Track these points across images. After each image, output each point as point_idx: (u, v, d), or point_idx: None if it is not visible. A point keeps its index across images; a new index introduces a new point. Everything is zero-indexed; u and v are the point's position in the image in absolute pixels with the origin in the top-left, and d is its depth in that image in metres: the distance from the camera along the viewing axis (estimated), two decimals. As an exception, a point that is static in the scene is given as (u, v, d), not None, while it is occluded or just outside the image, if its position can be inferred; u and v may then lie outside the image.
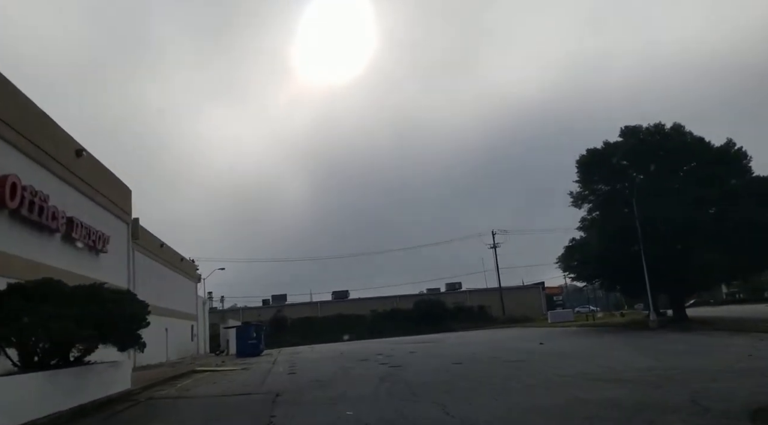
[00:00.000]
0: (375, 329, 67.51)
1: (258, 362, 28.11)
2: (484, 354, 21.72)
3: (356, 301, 78.83)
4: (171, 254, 39.92)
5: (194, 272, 49.58)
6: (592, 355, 18.32)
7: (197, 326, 47.87)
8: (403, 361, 20.57)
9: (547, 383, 11.55)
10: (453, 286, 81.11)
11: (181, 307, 42.21)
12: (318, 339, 65.18)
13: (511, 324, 65.19)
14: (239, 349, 36.53)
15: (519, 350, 23.30)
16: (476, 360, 19.24)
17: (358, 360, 23.24)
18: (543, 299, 79.63)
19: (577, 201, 41.95)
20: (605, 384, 11.05)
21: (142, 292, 31.77)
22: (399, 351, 29.08)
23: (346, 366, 19.61)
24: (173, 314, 38.84)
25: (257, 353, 36.24)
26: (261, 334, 37.51)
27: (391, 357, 23.60)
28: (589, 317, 59.30)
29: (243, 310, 77.40)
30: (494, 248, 73.45)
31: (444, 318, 68.17)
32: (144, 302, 13.96)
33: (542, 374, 13.44)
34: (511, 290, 77.53)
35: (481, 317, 70.48)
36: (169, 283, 38.66)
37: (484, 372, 14.78)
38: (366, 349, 34.59)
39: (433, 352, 25.88)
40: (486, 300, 74.63)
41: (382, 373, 15.88)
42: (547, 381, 11.76)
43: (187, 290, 45.70)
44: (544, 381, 11.78)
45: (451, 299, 74.71)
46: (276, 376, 17.80)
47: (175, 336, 39.11)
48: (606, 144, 40.04)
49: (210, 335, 54.00)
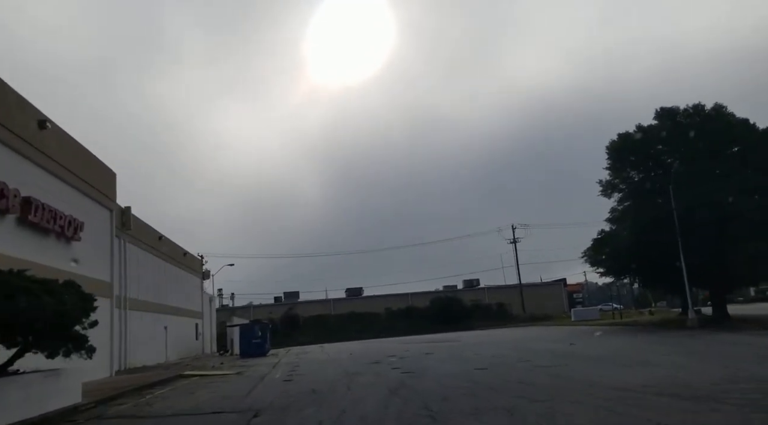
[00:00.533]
0: (389, 327, 64.89)
1: (259, 364, 25.59)
2: (510, 357, 18.94)
3: (370, 298, 76.22)
4: (172, 248, 37.57)
5: (200, 268, 47.27)
6: (643, 361, 15.45)
7: (202, 324, 45.56)
8: (418, 365, 17.87)
9: (609, 400, 8.77)
10: (470, 283, 78.10)
11: (183, 304, 39.88)
12: (331, 337, 62.78)
13: (531, 323, 62.14)
14: (243, 349, 34.07)
15: (549, 352, 20.47)
16: (503, 364, 16.48)
17: (368, 363, 20.60)
18: (565, 296, 76.34)
19: (606, 190, 38.88)
20: (689, 403, 8.26)
21: (134, 287, 29.50)
22: (414, 352, 26.40)
23: (352, 372, 16.95)
24: (174, 311, 36.49)
25: (262, 353, 33.76)
26: (267, 333, 35.02)
27: (404, 360, 20.93)
28: (616, 315, 56.08)
29: (254, 308, 75.17)
30: (514, 242, 70.37)
31: (461, 316, 65.28)
32: (90, 295, 11.29)
33: (593, 386, 10.65)
34: (531, 287, 74.38)
35: (500, 316, 67.47)
36: (169, 278, 36.31)
37: (515, 381, 12.04)
38: (378, 349, 31.96)
39: (451, 354, 23.15)
40: (505, 298, 71.56)
41: (393, 382, 13.20)
42: (607, 398, 8.98)
43: (191, 287, 43.38)
44: (603, 398, 8.99)
45: (468, 297, 71.76)
46: (268, 384, 15.20)
47: (177, 335, 36.78)
48: (639, 128, 36.89)
49: (218, 334, 51.74)
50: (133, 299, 28.17)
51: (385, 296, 75.16)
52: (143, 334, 29.42)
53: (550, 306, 71.34)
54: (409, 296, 74.81)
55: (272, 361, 27.17)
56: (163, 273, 34.80)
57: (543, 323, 60.89)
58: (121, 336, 26.10)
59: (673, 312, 53.76)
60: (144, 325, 29.70)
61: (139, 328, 28.62)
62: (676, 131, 35.50)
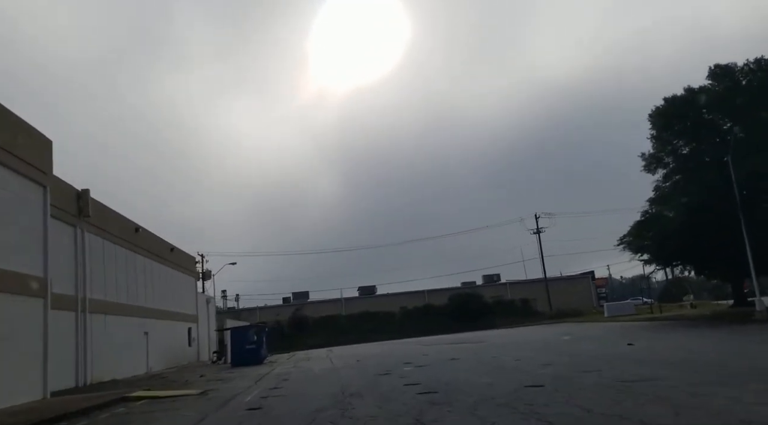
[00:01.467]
0: (405, 327, 60.23)
1: (244, 376, 20.95)
2: (565, 366, 14.09)
3: (384, 297, 71.55)
4: (155, 243, 33.09)
5: (193, 266, 42.81)
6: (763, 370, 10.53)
7: (197, 328, 41.05)
8: (441, 379, 13.08)
9: None
10: (491, 278, 73.04)
11: (172, 306, 35.39)
12: (342, 339, 58.27)
13: (560, 319, 56.97)
14: (234, 356, 29.49)
15: (612, 357, 15.58)
16: (563, 377, 11.62)
17: (376, 375, 15.87)
18: (593, 290, 71.02)
19: (650, 165, 33.76)
20: None
21: (99, 286, 24.98)
22: (434, 356, 21.62)
23: (351, 391, 12.21)
24: (158, 314, 31.99)
25: (257, 361, 29.15)
26: (263, 337, 30.36)
27: (423, 370, 16.17)
28: (652, 309, 50.76)
29: (260, 310, 70.76)
30: (538, 233, 65.12)
31: (482, 314, 60.38)
32: None
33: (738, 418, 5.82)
34: (556, 281, 69.14)
35: (525, 312, 62.46)
36: (152, 277, 31.83)
37: (614, 415, 7.20)
38: (392, 354, 27.21)
39: (482, 359, 18.31)
40: (529, 293, 66.45)
41: (407, 416, 8.41)
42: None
43: (182, 287, 38.90)
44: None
45: (489, 293, 66.78)
46: (225, 415, 10.51)
47: (163, 342, 32.27)
48: (688, 90, 31.71)
49: (218, 339, 47.28)
50: (98, 301, 23.65)
51: (400, 295, 70.48)
52: (113, 342, 24.91)
53: (576, 301, 66.09)
54: (426, 294, 70.02)
55: (263, 372, 22.50)
56: (143, 271, 30.29)
57: (573, 319, 55.70)
58: (78, 345, 21.59)
59: (720, 305, 48.39)
60: (114, 331, 25.17)
61: (106, 335, 24.10)
62: (733, 91, 30.31)
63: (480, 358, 19.16)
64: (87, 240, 22.92)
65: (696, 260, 34.55)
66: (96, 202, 24.26)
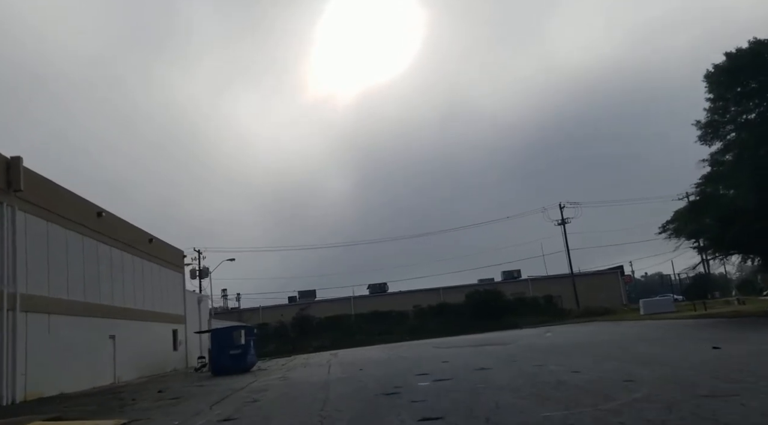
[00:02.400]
0: (418, 327, 55.42)
1: (206, 393, 16.29)
2: (665, 385, 9.25)
3: (396, 295, 66.73)
4: (126, 231, 28.57)
5: (180, 261, 38.29)
6: None
7: (185, 331, 36.51)
8: (477, 406, 8.30)
9: None
10: (511, 274, 67.89)
11: (150, 305, 30.89)
12: (350, 341, 53.55)
13: (589, 318, 51.79)
14: (215, 363, 24.82)
15: (718, 370, 10.69)
16: (693, 415, 6.78)
17: (378, 395, 11.15)
18: (622, 287, 65.65)
19: (706, 134, 28.63)
20: None
21: (37, 279, 20.37)
22: (457, 364, 16.83)
23: (340, 417, 7.44)
24: (130, 314, 27.48)
25: (243, 368, 24.48)
26: (250, 340, 25.63)
27: (445, 387, 11.40)
28: (698, 306, 45.44)
29: (263, 310, 66.19)
30: (563, 223, 59.86)
31: (503, 313, 55.33)
32: None
33: None
34: (583, 277, 63.82)
35: (549, 310, 57.28)
36: (121, 271, 27.32)
37: None
38: (403, 360, 22.43)
39: (524, 370, 13.45)
40: (553, 289, 61.24)
41: None
42: None
43: (166, 284, 34.40)
44: None
45: (509, 290, 61.69)
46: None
47: (135, 346, 27.74)
48: (756, 43, 26.59)
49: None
50: (36, 298, 19.08)
51: (412, 292, 65.61)
52: (61, 347, 20.36)
53: (604, 298, 60.75)
54: (441, 291, 65.08)
55: (238, 385, 17.79)
56: (108, 263, 25.75)
57: (604, 318, 50.52)
58: (4, 352, 17.02)
59: None
60: (63, 334, 20.62)
61: (49, 339, 19.55)
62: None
63: (519, 368, 14.30)
64: (19, 221, 18.36)
65: (764, 249, 29.23)
66: (36, 176, 19.75)
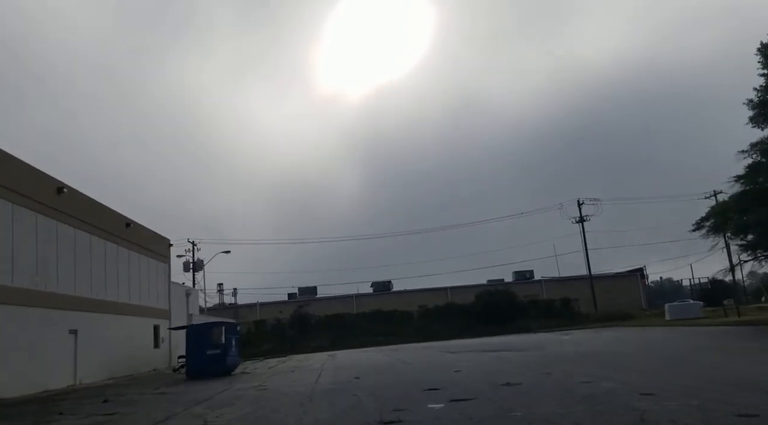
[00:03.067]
0: (424, 328, 52.00)
1: (165, 402, 12.96)
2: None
3: (401, 294, 63.23)
4: (94, 212, 25.28)
5: (166, 250, 34.99)
6: None
7: (169, 326, 33.16)
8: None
9: None
10: (523, 275, 64.22)
11: (125, 297, 27.63)
12: (351, 341, 50.24)
13: (608, 323, 48.12)
14: (190, 365, 21.44)
15: None
16: None
17: (373, 424, 7.73)
18: (641, 290, 61.91)
19: (759, 115, 25.05)
20: None
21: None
22: (474, 375, 13.37)
23: None
24: (98, 306, 24.20)
25: (222, 370, 21.12)
26: (232, 339, 22.24)
27: (468, 411, 7.98)
28: (729, 311, 41.73)
29: (261, 306, 62.89)
30: (581, 221, 56.13)
31: (515, 315, 51.77)
32: None
33: None
34: (600, 279, 60.00)
35: (565, 314, 53.62)
36: (88, 257, 24.05)
37: None
38: (409, 367, 19.04)
39: (569, 388, 9.97)
40: (568, 292, 57.51)
41: None
42: None
43: (146, 274, 31.14)
44: None
45: (521, 292, 58.04)
46: None
47: (105, 343, 24.46)
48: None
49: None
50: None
51: (418, 291, 62.14)
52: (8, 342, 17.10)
53: (622, 302, 57.05)
54: (448, 291, 61.58)
55: (207, 394, 14.41)
56: (71, 248, 22.46)
57: (625, 323, 46.88)
58: None
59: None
60: (1, 328, 17.34)
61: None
62: None
63: (560, 384, 10.86)
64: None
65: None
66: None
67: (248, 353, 46.19)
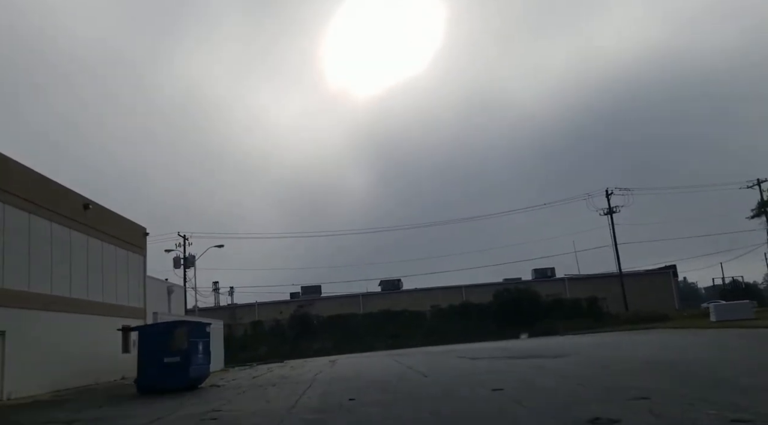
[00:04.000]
0: (437, 330, 47.30)
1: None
2: None
3: (412, 293, 58.45)
4: (39, 188, 20.73)
5: (141, 240, 30.39)
6: None
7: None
8: None
9: None
10: (543, 273, 59.18)
11: (83, 293, 23.07)
12: (356, 344, 45.67)
13: (642, 324, 43.03)
14: (142, 376, 16.79)
15: None
16: None
17: None
18: (674, 289, 56.71)
19: None
20: None
21: None
22: (523, 395, 8.56)
23: None
24: (38, 301, 19.63)
25: (183, 383, 16.41)
26: (198, 343, 17.47)
27: None
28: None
29: (259, 306, 58.29)
30: (610, 213, 51.01)
31: (538, 316, 46.87)
32: None
33: None
34: (629, 277, 54.85)
35: (592, 315, 48.60)
36: (27, 242, 19.50)
37: None
38: (423, 378, 14.33)
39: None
40: (593, 291, 52.45)
41: None
42: None
43: (115, 267, 26.60)
44: None
45: (542, 291, 53.08)
46: None
47: (51, 346, 19.88)
48: None
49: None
50: None
51: (430, 290, 57.35)
52: None
53: (654, 302, 51.94)
54: (463, 290, 56.74)
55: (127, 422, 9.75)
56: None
57: (664, 324, 41.77)
58: None
59: None
60: None
61: None
62: None
63: (672, 420, 6.13)
64: None
65: None
66: None
67: (243, 357, 41.76)
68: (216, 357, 33.20)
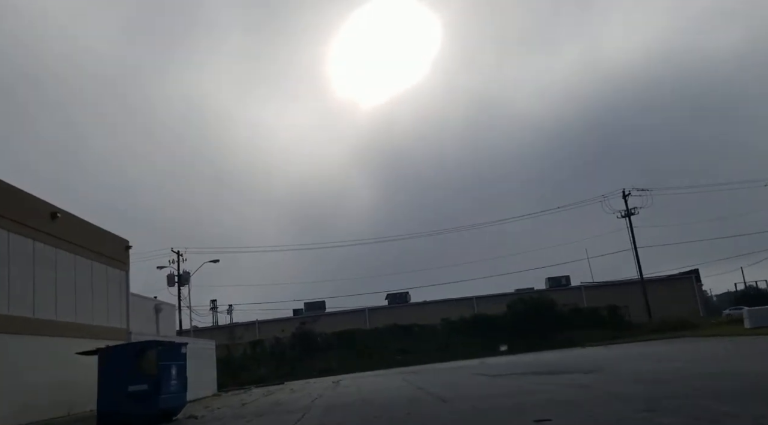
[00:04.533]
0: (448, 345, 44.43)
1: None
2: None
3: (420, 306, 55.54)
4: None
5: (122, 255, 27.75)
6: None
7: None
8: None
9: None
10: (558, 281, 56.17)
11: (51, 313, 20.44)
12: (363, 361, 42.86)
13: (668, 333, 40.00)
14: (102, 407, 14.00)
15: None
16: None
17: None
18: (699, 295, 53.61)
19: None
20: None
21: None
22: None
23: None
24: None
25: (153, 415, 13.64)
26: (171, 367, 14.68)
27: None
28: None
29: (260, 324, 55.43)
30: (628, 215, 48.08)
31: (556, 327, 43.94)
32: None
33: None
34: (649, 283, 51.77)
35: (613, 323, 45.60)
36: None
37: None
38: (443, 403, 11.57)
39: None
40: (611, 299, 49.40)
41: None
42: None
43: (91, 283, 23.98)
44: None
45: (558, 300, 50.06)
46: None
47: (9, 374, 17.22)
48: None
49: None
50: None
51: (440, 302, 54.38)
52: None
53: (677, 309, 48.81)
54: (474, 301, 53.79)
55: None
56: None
57: (695, 333, 38.73)
58: None
59: None
60: None
61: None
62: None
63: None
64: None
65: None
66: None
67: (242, 379, 39.00)
68: (208, 380, 30.46)
